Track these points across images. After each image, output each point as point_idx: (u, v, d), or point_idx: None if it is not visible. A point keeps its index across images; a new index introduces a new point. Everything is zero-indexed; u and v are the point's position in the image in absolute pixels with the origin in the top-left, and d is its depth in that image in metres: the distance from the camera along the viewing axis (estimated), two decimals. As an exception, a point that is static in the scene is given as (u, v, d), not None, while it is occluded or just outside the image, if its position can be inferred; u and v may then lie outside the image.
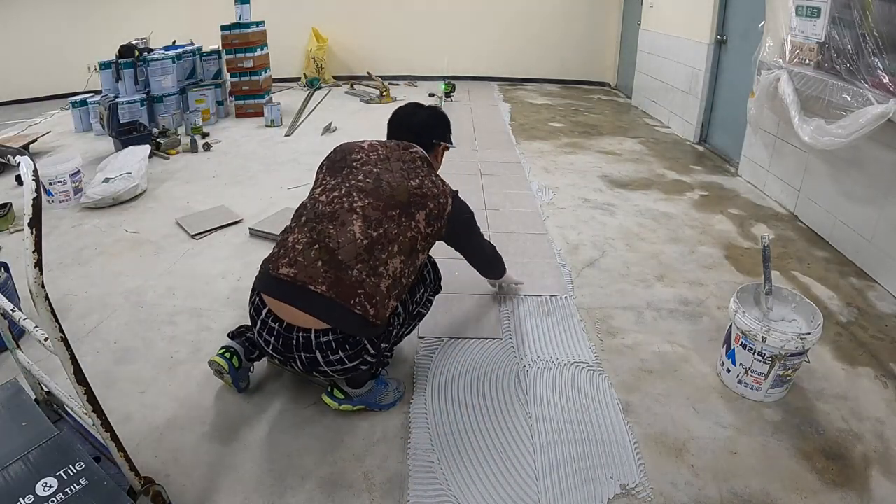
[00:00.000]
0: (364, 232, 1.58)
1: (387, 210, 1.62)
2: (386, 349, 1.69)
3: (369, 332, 1.57)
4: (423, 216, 1.66)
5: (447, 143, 1.97)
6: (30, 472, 1.22)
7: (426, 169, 1.77)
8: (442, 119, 1.97)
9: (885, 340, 2.14)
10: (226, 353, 1.76)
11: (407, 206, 1.65)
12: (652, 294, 2.44)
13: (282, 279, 1.57)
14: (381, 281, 1.56)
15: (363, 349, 1.58)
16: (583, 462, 1.58)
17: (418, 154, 1.80)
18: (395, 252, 1.60)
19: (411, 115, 1.93)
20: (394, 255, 1.60)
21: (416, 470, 1.55)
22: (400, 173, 1.71)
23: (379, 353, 1.65)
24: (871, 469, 1.57)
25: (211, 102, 5.34)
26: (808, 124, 2.75)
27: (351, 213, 1.61)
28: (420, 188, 1.69)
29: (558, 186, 3.69)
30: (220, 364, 1.73)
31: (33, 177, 0.99)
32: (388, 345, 1.69)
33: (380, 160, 1.75)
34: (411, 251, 1.65)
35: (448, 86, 6.37)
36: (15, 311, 1.29)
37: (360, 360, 1.60)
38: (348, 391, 1.71)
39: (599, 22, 7.26)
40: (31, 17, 6.62)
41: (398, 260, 1.61)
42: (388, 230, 1.60)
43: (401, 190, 1.66)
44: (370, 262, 1.56)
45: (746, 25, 3.96)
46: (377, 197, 1.64)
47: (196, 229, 3.00)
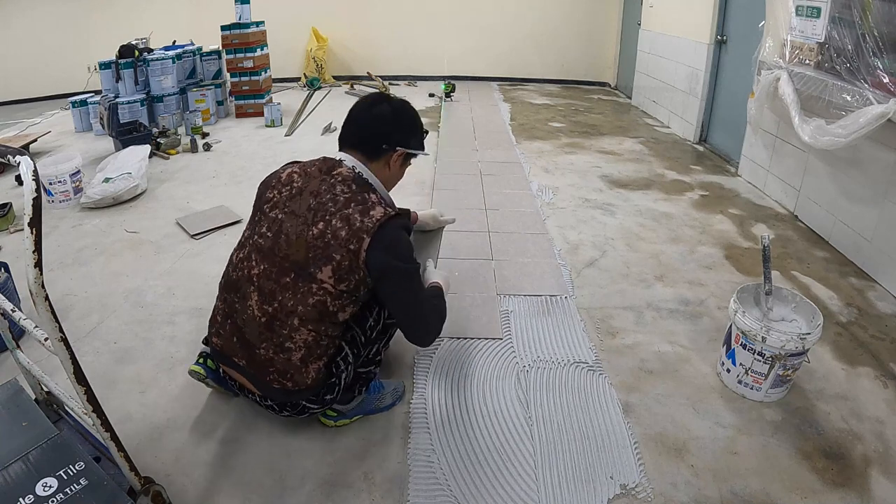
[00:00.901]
0: (260, 308, 1.45)
1: (280, 277, 1.43)
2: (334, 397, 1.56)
3: (298, 398, 1.51)
4: (328, 273, 1.40)
5: (407, 148, 1.59)
6: (30, 472, 1.22)
7: (343, 200, 1.43)
8: (403, 118, 1.60)
9: (885, 340, 2.14)
10: (200, 359, 1.73)
11: (303, 267, 1.41)
12: (652, 294, 2.44)
13: (215, 348, 1.61)
14: (290, 355, 1.45)
15: (306, 407, 1.55)
16: (583, 462, 1.58)
17: (342, 176, 1.48)
18: (296, 325, 1.42)
19: (365, 109, 1.59)
20: (296, 328, 1.43)
21: (416, 470, 1.55)
22: (304, 216, 1.43)
23: (325, 404, 1.56)
24: (871, 469, 1.57)
25: (211, 102, 5.34)
26: (808, 124, 2.75)
27: (249, 283, 1.48)
28: (323, 236, 1.40)
29: (558, 186, 3.69)
30: (198, 371, 1.70)
31: (33, 177, 0.99)
32: (332, 395, 1.55)
33: (290, 198, 1.48)
34: (320, 318, 1.43)
35: (448, 86, 6.36)
36: (15, 311, 1.29)
37: (310, 412, 1.58)
38: (339, 408, 1.67)
39: (599, 22, 7.26)
40: (31, 17, 6.62)
41: (304, 331, 1.43)
42: (283, 303, 1.42)
43: (298, 244, 1.41)
44: (273, 339, 1.45)
45: (746, 25, 3.96)
46: (271, 260, 1.45)
47: (196, 229, 3.00)
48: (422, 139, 1.69)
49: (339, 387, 1.56)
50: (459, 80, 7.24)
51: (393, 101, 1.61)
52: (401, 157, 1.60)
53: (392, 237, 1.42)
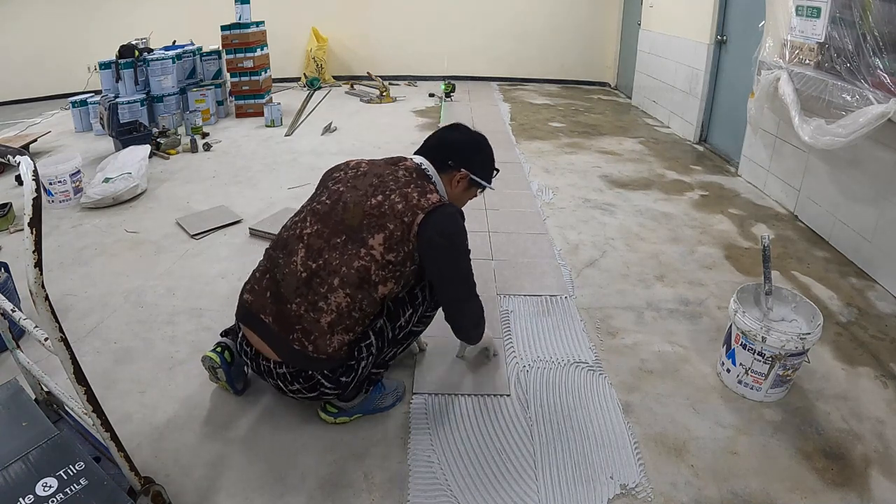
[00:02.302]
0: (304, 263, 1.49)
1: (331, 237, 1.48)
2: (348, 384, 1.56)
3: (315, 367, 1.50)
4: (379, 240, 1.45)
5: (471, 172, 1.66)
6: (30, 472, 1.22)
7: (403, 181, 1.52)
8: (476, 146, 1.71)
9: (885, 340, 2.14)
10: (217, 347, 1.76)
11: (356, 231, 1.46)
12: (652, 294, 2.44)
13: (243, 305, 1.61)
14: (321, 316, 1.46)
15: (318, 383, 1.53)
16: (583, 462, 1.58)
17: (406, 166, 1.59)
18: (335, 285, 1.45)
19: (447, 130, 1.74)
20: (335, 289, 1.45)
21: (416, 470, 1.55)
22: (365, 190, 1.52)
23: (340, 387, 1.55)
24: (871, 469, 1.57)
25: (211, 102, 5.34)
26: (808, 124, 2.75)
27: (299, 241, 1.53)
28: (380, 206, 1.47)
29: (558, 186, 3.69)
30: (213, 359, 1.73)
31: (33, 177, 0.99)
32: (348, 379, 1.55)
33: (354, 177, 1.58)
34: (360, 284, 1.46)
35: (448, 86, 6.37)
36: (15, 311, 1.29)
37: (320, 392, 1.56)
38: (340, 405, 1.67)
39: (599, 22, 7.26)
40: (31, 17, 6.62)
41: (341, 294, 1.46)
42: (329, 261, 1.47)
43: (354, 212, 1.49)
44: (309, 296, 1.47)
45: (746, 25, 3.96)
46: (325, 222, 1.51)
47: (196, 229, 3.00)
48: (490, 173, 1.75)
49: (356, 373, 1.56)
50: (459, 80, 7.25)
51: (473, 132, 1.74)
52: (464, 179, 1.66)
53: (446, 218, 1.51)
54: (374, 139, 4.78)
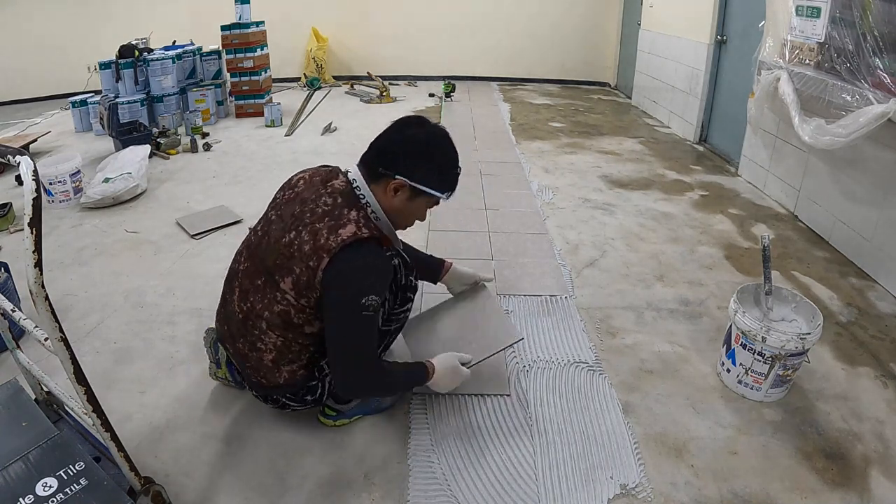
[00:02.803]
0: (239, 305, 1.50)
1: (254, 279, 1.45)
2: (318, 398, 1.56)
3: (275, 393, 1.53)
4: (289, 284, 1.36)
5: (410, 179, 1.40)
6: (30, 472, 1.22)
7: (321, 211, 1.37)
8: (418, 146, 1.42)
9: (885, 340, 2.14)
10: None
11: (271, 273, 1.39)
12: (652, 294, 2.44)
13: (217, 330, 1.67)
14: (262, 355, 1.47)
15: (284, 404, 1.57)
16: (583, 462, 1.58)
17: (334, 187, 1.43)
18: (264, 328, 1.43)
19: (394, 127, 1.48)
20: (265, 332, 1.44)
21: (416, 470, 1.55)
22: (286, 222, 1.40)
23: (307, 404, 1.56)
24: (871, 469, 1.57)
25: (211, 102, 5.34)
26: (808, 124, 2.75)
27: (235, 278, 1.53)
28: (290, 246, 1.36)
29: (558, 186, 3.69)
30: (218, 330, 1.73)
31: (33, 177, 0.99)
32: (314, 396, 1.54)
33: (286, 202, 1.47)
34: (286, 326, 1.41)
35: (448, 86, 6.36)
36: (15, 311, 1.29)
37: (292, 408, 1.60)
38: (338, 407, 1.68)
39: (599, 22, 7.26)
40: (32, 17, 6.62)
41: (273, 335, 1.43)
42: (254, 304, 1.44)
43: (272, 250, 1.40)
44: (248, 337, 1.48)
45: (746, 25, 3.96)
46: (252, 259, 1.48)
47: (196, 229, 3.00)
48: (441, 179, 1.45)
49: (323, 389, 1.56)
50: (459, 80, 7.24)
51: (421, 127, 1.45)
52: (402, 188, 1.42)
53: (351, 264, 1.32)
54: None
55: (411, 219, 1.53)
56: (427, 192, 1.44)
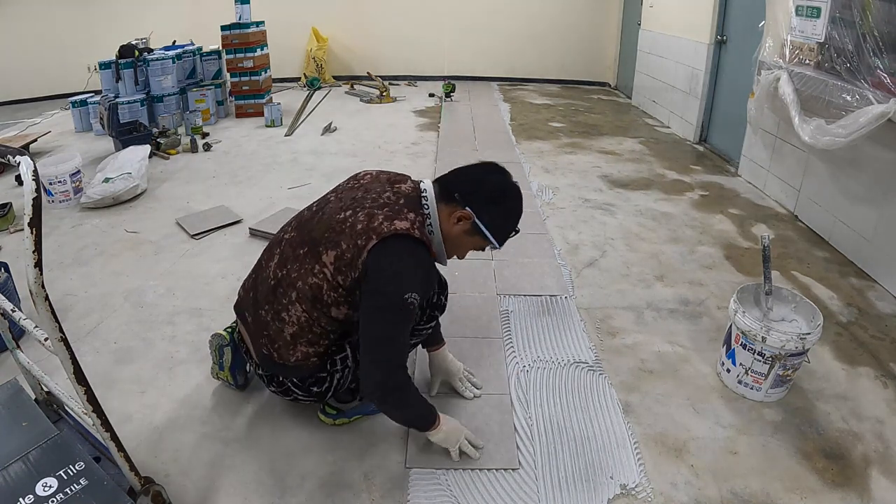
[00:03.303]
0: (275, 271, 1.47)
1: (298, 248, 1.43)
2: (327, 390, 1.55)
3: (282, 373, 1.52)
4: (331, 258, 1.35)
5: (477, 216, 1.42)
6: (30, 472, 1.22)
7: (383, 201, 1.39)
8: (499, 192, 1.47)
9: (885, 340, 2.14)
10: (228, 328, 1.78)
11: (316, 244, 1.38)
12: (652, 294, 2.44)
13: (238, 298, 1.66)
14: (284, 326, 1.45)
15: (289, 389, 1.55)
16: (583, 462, 1.58)
17: (401, 187, 1.46)
18: (293, 299, 1.42)
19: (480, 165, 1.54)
20: (293, 302, 1.42)
21: (416, 470, 1.55)
22: (345, 203, 1.42)
23: (311, 395, 1.55)
24: (871, 469, 1.57)
25: (211, 102, 5.34)
26: (808, 124, 2.75)
27: (278, 245, 1.52)
28: (344, 222, 1.35)
29: (558, 186, 3.69)
30: (223, 336, 1.74)
31: (33, 177, 0.99)
32: (320, 389, 1.53)
33: (349, 188, 1.51)
34: (315, 301, 1.40)
35: (448, 86, 6.36)
36: (15, 311, 1.29)
37: (294, 398, 1.58)
38: (338, 406, 1.68)
39: (599, 22, 7.26)
40: (31, 17, 6.62)
41: (299, 308, 1.42)
42: (290, 272, 1.43)
43: (322, 223, 1.40)
44: (274, 304, 1.46)
45: (746, 25, 3.96)
46: (301, 230, 1.47)
47: (196, 229, 3.00)
48: (501, 228, 1.47)
49: (330, 384, 1.55)
50: (459, 80, 7.24)
51: (509, 179, 1.50)
52: (466, 220, 1.43)
53: (400, 254, 1.31)
54: (374, 139, 4.78)
55: (455, 252, 1.52)
56: (484, 235, 1.45)
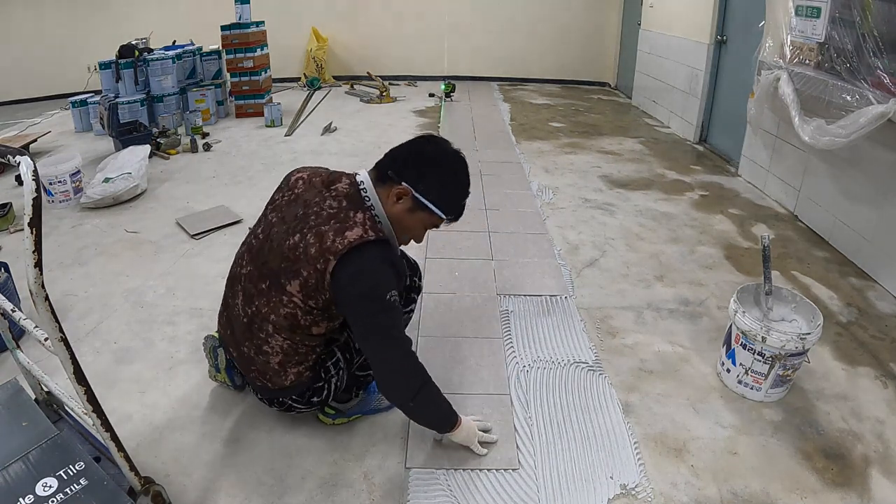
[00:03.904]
0: (243, 308, 1.48)
1: (258, 282, 1.43)
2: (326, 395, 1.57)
3: (281, 395, 1.54)
4: (297, 287, 1.35)
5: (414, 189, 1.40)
6: (30, 472, 1.22)
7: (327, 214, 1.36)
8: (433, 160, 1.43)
9: (885, 340, 2.14)
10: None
11: (277, 276, 1.38)
12: (652, 294, 2.44)
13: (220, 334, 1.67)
14: (268, 358, 1.47)
15: (290, 406, 1.58)
16: (583, 462, 1.58)
17: (338, 191, 1.42)
18: (270, 332, 1.44)
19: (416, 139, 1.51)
20: (271, 335, 1.44)
21: (416, 470, 1.55)
22: (289, 224, 1.39)
23: (313, 405, 1.58)
24: (871, 469, 1.57)
25: (211, 102, 5.34)
26: (808, 124, 2.75)
27: (238, 282, 1.52)
28: (295, 249, 1.34)
29: (558, 186, 3.69)
30: (215, 337, 1.74)
31: (33, 177, 0.99)
32: (321, 398, 1.56)
33: (287, 203, 1.46)
34: (293, 329, 1.42)
35: (448, 86, 6.36)
36: (15, 311, 1.29)
37: (297, 410, 1.60)
38: (338, 406, 1.69)
39: (599, 22, 7.26)
40: (31, 17, 6.62)
41: (279, 338, 1.44)
42: (260, 308, 1.43)
43: (276, 253, 1.39)
44: (254, 340, 1.48)
45: (746, 25, 3.96)
46: (255, 263, 1.46)
47: (196, 229, 3.00)
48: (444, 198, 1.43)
49: (328, 390, 1.57)
50: (459, 80, 7.24)
51: (440, 144, 1.47)
52: (405, 196, 1.41)
53: (361, 265, 1.31)
54: (374, 139, 4.78)
55: (407, 234, 1.49)
56: (428, 208, 1.42)
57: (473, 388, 1.86)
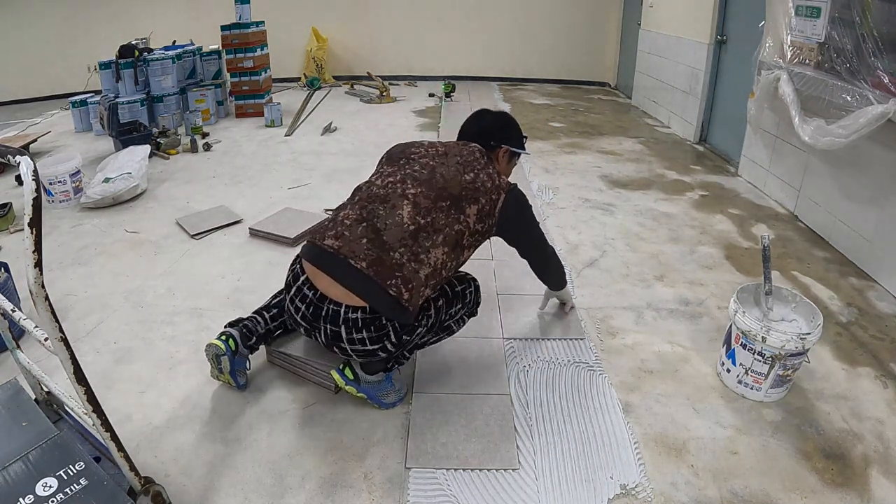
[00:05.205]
0: (412, 218, 1.60)
1: (437, 200, 1.63)
2: (407, 343, 1.66)
3: (398, 317, 1.57)
4: (474, 211, 1.66)
5: (510, 146, 1.90)
6: (30, 472, 1.22)
7: (483, 162, 1.75)
8: (503, 122, 1.94)
9: (885, 340, 2.14)
10: (222, 336, 1.78)
11: (458, 200, 1.65)
12: (652, 294, 2.44)
13: (325, 249, 1.61)
14: (420, 267, 1.57)
15: (386, 335, 1.59)
16: (583, 462, 1.58)
17: (477, 149, 1.80)
18: (438, 242, 1.60)
19: (476, 119, 1.95)
20: (437, 245, 1.60)
21: (416, 470, 1.55)
22: (455, 168, 1.71)
23: (400, 344, 1.64)
24: (871, 469, 1.57)
25: (211, 102, 5.34)
26: (808, 124, 2.75)
27: (402, 198, 1.63)
28: (474, 182, 1.68)
29: (558, 186, 3.69)
30: (218, 346, 1.74)
31: (33, 177, 0.99)
32: (409, 338, 1.65)
33: (437, 155, 1.76)
34: (456, 245, 1.64)
35: (448, 86, 6.36)
36: (15, 311, 1.29)
37: (381, 346, 1.61)
38: (360, 374, 1.71)
39: (599, 22, 7.26)
40: (32, 17, 6.62)
41: (441, 251, 1.61)
42: (436, 220, 1.61)
43: (454, 183, 1.67)
44: (413, 247, 1.57)
45: (746, 25, 3.96)
46: (429, 187, 1.65)
47: (196, 229, 3.00)
48: (522, 140, 1.95)
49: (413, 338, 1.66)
50: (459, 80, 7.24)
51: (497, 112, 1.98)
52: (506, 153, 1.90)
53: (519, 197, 1.78)
54: (374, 139, 4.78)
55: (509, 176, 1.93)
56: (518, 152, 1.94)
57: (473, 388, 1.86)
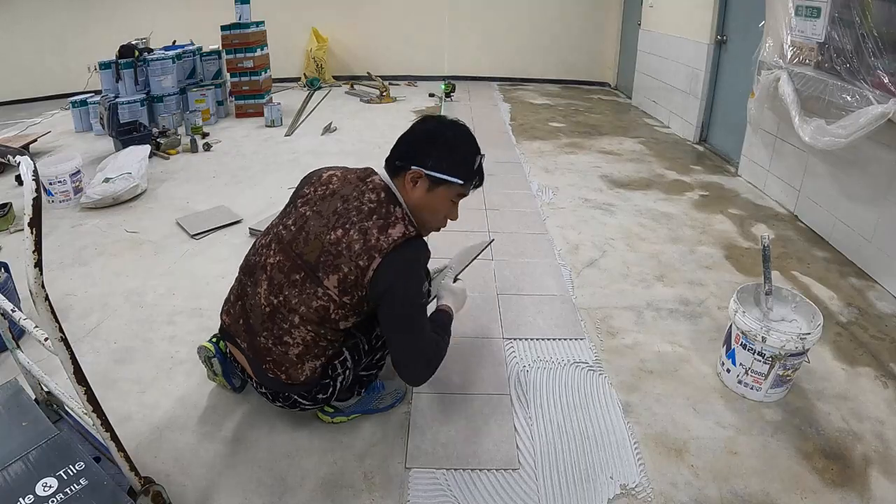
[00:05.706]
0: (267, 298, 1.46)
1: (291, 273, 1.42)
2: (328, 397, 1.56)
3: (291, 391, 1.52)
4: (334, 282, 1.38)
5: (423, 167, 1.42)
6: (30, 472, 1.22)
7: (368, 210, 1.39)
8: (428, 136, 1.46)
9: (885, 340, 2.14)
10: (213, 338, 1.78)
11: (314, 270, 1.39)
12: (652, 294, 2.44)
13: (223, 324, 1.64)
14: (288, 349, 1.45)
15: (296, 402, 1.56)
16: (583, 462, 1.58)
17: (374, 184, 1.45)
18: (297, 323, 1.43)
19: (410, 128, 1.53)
20: (296, 326, 1.43)
21: (416, 470, 1.55)
22: (327, 219, 1.42)
23: (318, 402, 1.57)
24: (871, 469, 1.57)
25: (211, 102, 5.34)
26: (808, 124, 2.75)
27: (262, 270, 1.49)
28: (338, 244, 1.37)
29: (558, 186, 3.69)
30: (208, 349, 1.73)
31: (33, 177, 0.99)
32: (325, 395, 1.54)
33: (321, 198, 1.47)
34: (322, 321, 1.42)
35: (448, 86, 6.36)
36: (15, 311, 1.29)
37: (299, 408, 1.59)
38: (337, 405, 1.68)
39: (599, 22, 7.25)
40: (31, 17, 6.61)
41: (304, 330, 1.43)
42: (288, 298, 1.42)
43: (314, 246, 1.40)
44: (274, 330, 1.45)
45: (746, 25, 3.96)
46: (286, 253, 1.45)
47: (196, 229, 3.00)
48: (455, 164, 1.44)
49: (334, 388, 1.56)
50: (459, 80, 7.24)
51: (434, 119, 1.51)
52: (420, 178, 1.43)
53: (405, 264, 1.37)
54: (374, 139, 4.78)
55: (439, 215, 1.52)
56: (445, 180, 1.43)
57: (473, 388, 1.86)
